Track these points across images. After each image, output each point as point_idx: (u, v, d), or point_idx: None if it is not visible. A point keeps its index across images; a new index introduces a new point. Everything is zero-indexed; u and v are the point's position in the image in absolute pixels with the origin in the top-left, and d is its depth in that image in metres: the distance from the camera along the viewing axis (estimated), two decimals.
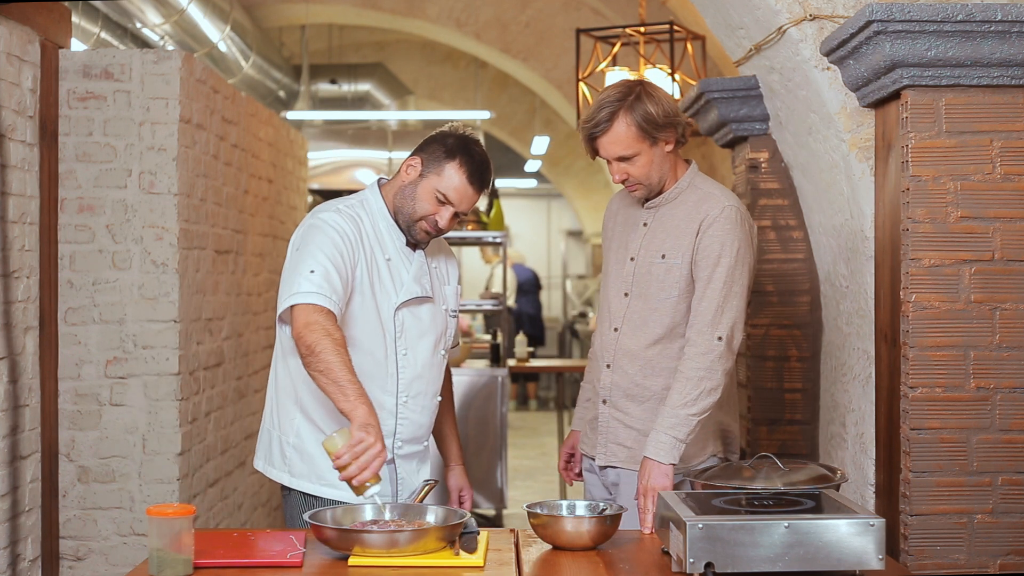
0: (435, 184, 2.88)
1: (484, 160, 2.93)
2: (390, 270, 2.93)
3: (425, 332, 2.98)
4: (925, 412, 2.96)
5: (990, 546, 2.96)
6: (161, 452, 4.36)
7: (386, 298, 2.91)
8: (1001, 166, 2.95)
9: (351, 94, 10.19)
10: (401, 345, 2.93)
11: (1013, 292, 2.96)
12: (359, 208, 2.96)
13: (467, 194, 2.89)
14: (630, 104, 2.93)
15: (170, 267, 4.36)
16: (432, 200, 2.89)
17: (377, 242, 2.94)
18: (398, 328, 2.92)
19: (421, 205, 2.90)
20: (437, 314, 3.02)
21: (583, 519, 2.67)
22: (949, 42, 2.88)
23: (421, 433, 3.01)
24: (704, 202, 3.00)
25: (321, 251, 2.76)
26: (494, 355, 6.90)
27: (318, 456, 2.88)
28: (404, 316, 2.93)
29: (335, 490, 2.86)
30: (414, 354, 2.95)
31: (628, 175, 2.99)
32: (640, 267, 3.05)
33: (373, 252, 2.91)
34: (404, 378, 2.94)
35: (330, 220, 2.85)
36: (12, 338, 3.79)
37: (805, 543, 2.31)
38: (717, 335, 2.92)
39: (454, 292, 3.10)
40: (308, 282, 2.71)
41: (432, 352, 3.00)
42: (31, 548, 3.96)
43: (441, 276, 3.08)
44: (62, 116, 4.32)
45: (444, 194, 2.88)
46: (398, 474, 2.97)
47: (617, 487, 3.06)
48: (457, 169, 2.87)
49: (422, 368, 2.97)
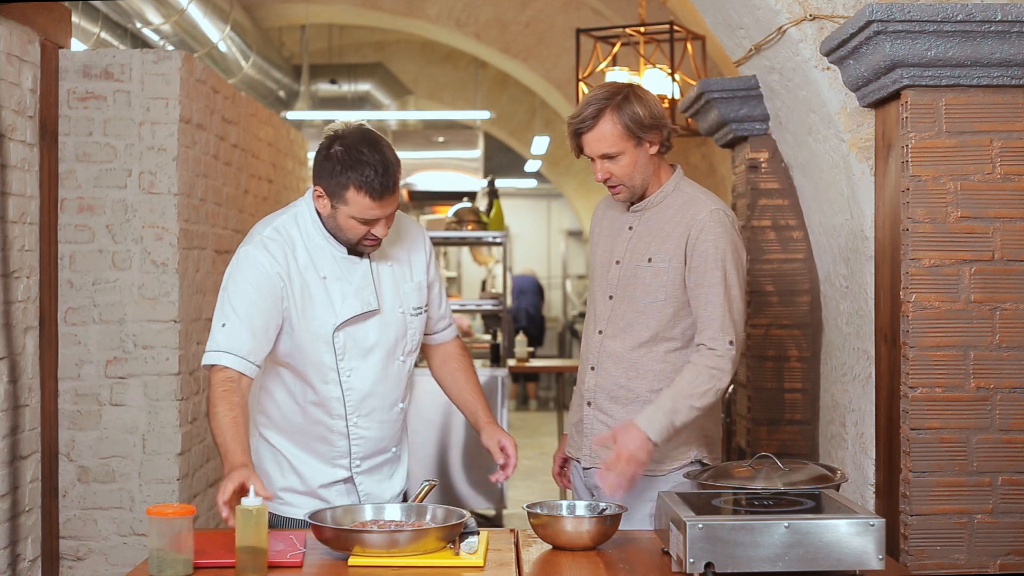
0: (348, 212, 2.70)
1: (380, 162, 2.67)
2: (327, 289, 2.79)
3: (373, 347, 2.84)
4: (925, 412, 2.96)
5: (990, 546, 2.96)
6: (161, 452, 4.36)
7: (323, 321, 2.78)
8: (1001, 166, 2.95)
9: (351, 94, 10.19)
10: (344, 366, 2.81)
11: (1013, 292, 2.96)
12: (291, 226, 2.81)
13: (381, 204, 2.69)
14: (618, 103, 2.94)
15: (170, 267, 4.36)
16: (356, 225, 2.72)
17: (310, 262, 2.79)
18: (339, 350, 2.80)
19: (351, 232, 2.74)
20: (388, 323, 2.86)
21: (583, 519, 2.66)
22: (949, 42, 2.88)
23: (384, 445, 2.92)
24: (690, 206, 3.00)
25: (238, 297, 2.73)
26: (494, 355, 6.90)
27: (273, 473, 2.91)
28: (345, 336, 2.80)
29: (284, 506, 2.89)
30: (361, 373, 2.83)
31: (611, 174, 2.99)
32: (625, 270, 3.05)
33: (304, 276, 2.78)
34: (352, 399, 2.84)
35: (251, 258, 2.75)
36: (12, 338, 3.79)
37: (805, 543, 2.31)
38: (728, 339, 2.92)
39: (417, 287, 2.91)
40: (221, 337, 2.71)
41: (384, 365, 2.86)
42: (31, 548, 3.96)
43: (400, 274, 2.90)
44: (62, 116, 4.32)
45: (361, 218, 2.70)
46: (359, 489, 2.91)
47: (599, 489, 3.05)
48: (358, 193, 2.66)
49: (372, 385, 2.85)
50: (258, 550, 2.40)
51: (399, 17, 9.01)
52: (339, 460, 2.88)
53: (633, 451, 2.83)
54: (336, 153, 2.69)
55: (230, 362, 2.70)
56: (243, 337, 2.70)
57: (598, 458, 3.05)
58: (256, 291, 2.73)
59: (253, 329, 2.71)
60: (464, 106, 12.13)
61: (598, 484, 3.05)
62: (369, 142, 2.70)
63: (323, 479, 2.89)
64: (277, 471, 2.91)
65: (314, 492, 2.89)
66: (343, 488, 2.90)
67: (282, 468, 2.91)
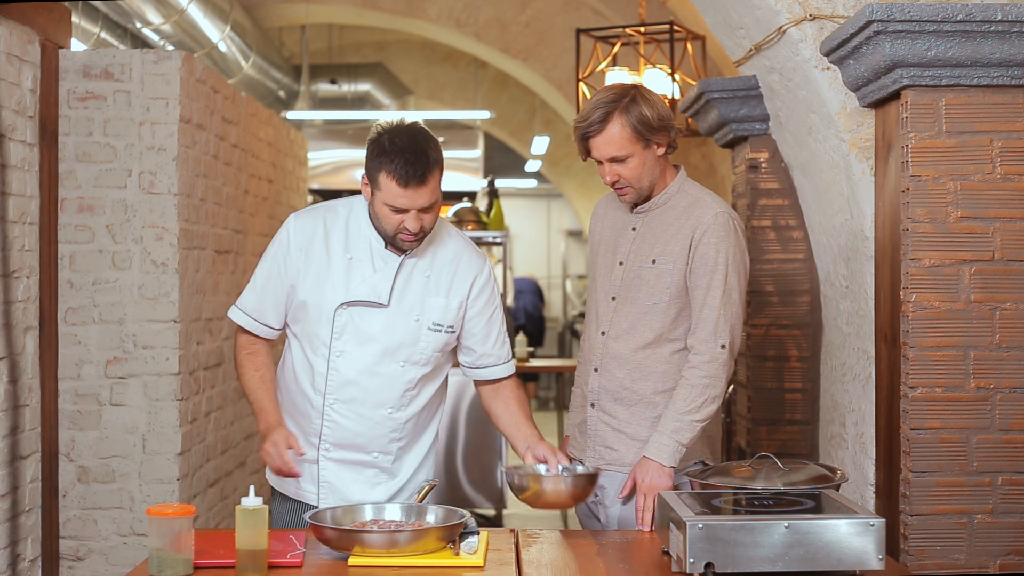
0: (382, 199, 2.78)
1: (411, 149, 2.76)
2: (349, 269, 2.88)
3: (371, 339, 2.87)
4: (925, 412, 2.96)
5: (990, 546, 2.96)
6: (161, 452, 4.36)
7: (332, 296, 2.87)
8: (1001, 166, 2.95)
9: (351, 94, 10.19)
10: (337, 346, 2.87)
11: (1013, 292, 2.96)
12: (344, 206, 2.96)
13: (412, 194, 2.75)
14: (625, 106, 2.93)
15: (170, 267, 4.36)
16: (389, 213, 2.79)
17: (345, 240, 2.90)
18: (337, 328, 2.87)
19: (386, 221, 2.81)
20: (397, 324, 2.88)
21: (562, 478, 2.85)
22: (949, 42, 2.88)
23: (360, 443, 2.92)
24: (695, 208, 3.00)
25: (262, 264, 2.98)
26: None
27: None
28: (347, 317, 2.86)
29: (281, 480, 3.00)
30: (350, 359, 2.87)
31: (619, 177, 2.99)
32: (629, 271, 3.05)
33: (330, 250, 2.89)
34: (334, 381, 2.88)
35: (285, 231, 2.95)
36: (12, 338, 3.79)
37: (805, 543, 2.31)
38: (720, 343, 2.92)
39: (444, 306, 2.93)
40: (245, 297, 3.01)
41: (377, 360, 2.88)
42: (31, 548, 3.96)
43: (435, 286, 2.93)
44: (62, 116, 4.32)
45: (392, 205, 2.78)
46: (321, 475, 2.93)
47: (604, 490, 3.06)
48: (388, 178, 2.75)
49: (358, 375, 2.87)
50: (258, 550, 2.41)
51: (399, 17, 9.01)
52: (311, 438, 2.94)
53: (653, 482, 2.90)
54: (378, 141, 2.81)
55: (241, 320, 2.99)
56: (255, 300, 2.98)
57: (601, 459, 3.06)
58: (274, 260, 2.95)
59: (264, 294, 2.96)
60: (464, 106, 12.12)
61: (603, 484, 3.06)
62: (411, 134, 2.80)
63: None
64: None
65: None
66: (307, 468, 2.94)
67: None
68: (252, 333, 2.99)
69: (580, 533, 2.89)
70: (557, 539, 2.81)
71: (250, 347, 2.99)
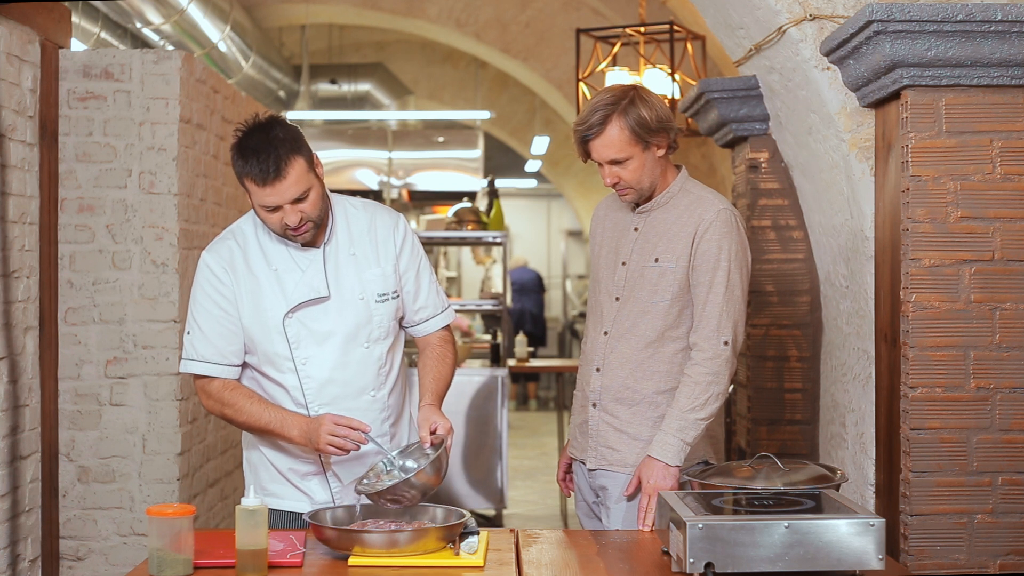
0: (255, 202, 2.76)
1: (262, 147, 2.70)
2: (278, 280, 2.84)
3: (329, 334, 2.85)
4: (925, 412, 2.96)
5: (990, 546, 2.96)
6: (161, 452, 4.36)
7: (273, 310, 2.83)
8: (1001, 166, 2.95)
9: (351, 94, 10.19)
10: (299, 355, 2.84)
11: (1013, 292, 2.96)
12: (247, 224, 2.90)
13: (275, 191, 2.71)
14: (624, 108, 2.93)
15: (170, 267, 4.36)
16: (266, 214, 2.77)
17: (262, 256, 2.86)
18: (292, 338, 2.83)
19: (268, 222, 2.79)
20: (346, 309, 2.86)
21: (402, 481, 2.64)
22: (949, 42, 2.88)
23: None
24: (697, 206, 3.00)
25: (194, 305, 2.88)
26: (494, 355, 6.90)
27: (259, 467, 2.97)
28: (298, 324, 2.83)
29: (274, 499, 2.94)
30: (317, 361, 2.84)
31: (620, 179, 2.99)
32: (632, 271, 3.05)
33: (253, 269, 2.85)
34: (310, 387, 2.86)
35: (203, 265, 2.87)
36: (12, 338, 3.79)
37: (805, 543, 2.31)
38: (723, 340, 2.93)
39: (382, 274, 2.90)
40: (187, 345, 2.88)
41: (343, 351, 2.86)
42: (31, 548, 3.96)
43: (364, 261, 2.90)
44: (62, 116, 4.32)
45: (264, 205, 2.75)
46: (331, 483, 2.92)
47: (605, 490, 3.06)
48: (249, 182, 2.72)
49: (331, 371, 2.85)
50: (258, 550, 2.41)
51: (399, 17, 9.01)
52: (312, 454, 2.89)
53: (657, 482, 2.89)
54: (235, 146, 2.75)
55: (199, 368, 2.86)
56: (203, 343, 2.85)
57: (603, 460, 3.06)
58: (207, 296, 2.85)
59: (211, 334, 2.84)
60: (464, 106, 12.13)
61: (604, 485, 3.06)
62: (261, 131, 2.75)
63: (300, 468, 2.92)
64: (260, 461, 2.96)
65: (293, 483, 2.93)
66: (316, 480, 2.92)
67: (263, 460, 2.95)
68: (215, 377, 2.86)
69: (580, 533, 2.89)
70: (557, 539, 2.81)
71: (223, 388, 2.86)
